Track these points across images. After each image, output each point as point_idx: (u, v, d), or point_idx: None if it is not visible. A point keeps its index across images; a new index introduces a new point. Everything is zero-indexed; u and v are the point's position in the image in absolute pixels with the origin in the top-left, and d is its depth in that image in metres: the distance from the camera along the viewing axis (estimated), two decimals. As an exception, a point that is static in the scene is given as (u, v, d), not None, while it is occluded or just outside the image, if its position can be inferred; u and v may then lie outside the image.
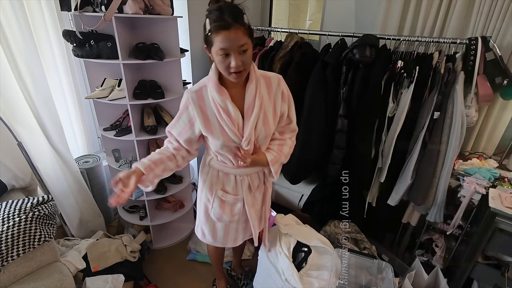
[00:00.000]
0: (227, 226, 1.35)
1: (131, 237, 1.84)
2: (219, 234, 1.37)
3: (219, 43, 0.93)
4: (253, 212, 1.31)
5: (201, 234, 1.42)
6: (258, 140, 1.16)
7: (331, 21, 2.31)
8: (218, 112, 1.08)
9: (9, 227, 1.17)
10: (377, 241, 1.95)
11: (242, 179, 1.25)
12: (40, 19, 1.53)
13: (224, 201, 1.28)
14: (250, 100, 1.10)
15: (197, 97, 1.09)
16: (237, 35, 0.92)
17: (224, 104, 1.06)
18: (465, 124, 1.51)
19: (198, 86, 1.11)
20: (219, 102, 1.06)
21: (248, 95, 1.10)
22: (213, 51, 0.97)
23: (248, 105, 1.10)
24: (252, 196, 1.30)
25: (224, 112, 1.07)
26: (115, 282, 1.45)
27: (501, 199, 1.38)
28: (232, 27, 0.91)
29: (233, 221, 1.32)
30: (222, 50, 0.94)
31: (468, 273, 1.49)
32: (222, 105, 1.06)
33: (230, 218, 1.30)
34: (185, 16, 1.98)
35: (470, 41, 1.53)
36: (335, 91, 1.73)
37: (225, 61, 0.97)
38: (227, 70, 0.99)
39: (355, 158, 1.76)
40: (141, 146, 1.82)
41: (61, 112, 1.75)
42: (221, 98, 1.06)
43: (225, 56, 0.96)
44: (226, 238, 1.38)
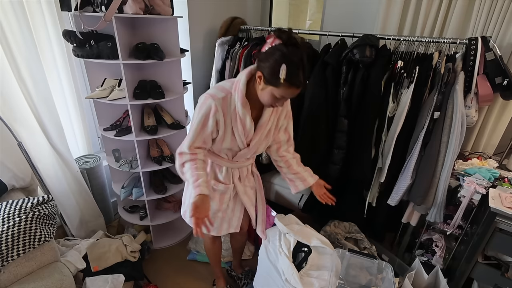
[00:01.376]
0: (215, 216, 1.38)
1: (131, 237, 1.84)
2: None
3: (284, 93, 1.01)
4: (246, 199, 1.41)
5: (188, 218, 1.44)
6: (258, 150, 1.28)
7: (331, 21, 2.31)
8: (235, 120, 1.14)
9: (9, 227, 1.17)
10: (377, 241, 1.95)
11: (233, 170, 1.33)
12: (40, 19, 1.53)
13: (215, 190, 1.32)
14: (267, 117, 1.19)
15: (223, 103, 1.11)
16: (298, 92, 1.03)
17: (244, 117, 1.13)
18: (465, 124, 1.51)
19: (223, 93, 1.12)
20: (240, 114, 1.12)
21: (267, 112, 1.19)
22: (271, 90, 1.02)
23: (264, 120, 1.19)
24: (243, 185, 1.39)
25: (241, 123, 1.14)
26: (115, 282, 1.45)
27: (501, 199, 1.38)
28: (301, 87, 1.01)
29: (220, 211, 1.37)
30: (281, 96, 1.03)
31: (468, 273, 1.49)
32: (242, 117, 1.13)
33: (219, 206, 1.35)
34: (185, 16, 1.98)
35: (470, 41, 1.53)
36: (335, 91, 1.73)
37: (274, 101, 1.06)
38: (270, 105, 1.09)
39: (355, 158, 1.76)
40: (141, 146, 1.82)
41: (61, 112, 1.75)
42: (243, 111, 1.11)
43: (278, 99, 1.05)
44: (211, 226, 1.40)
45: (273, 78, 0.98)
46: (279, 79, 0.97)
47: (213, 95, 1.10)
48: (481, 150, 1.90)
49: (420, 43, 1.66)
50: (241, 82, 1.10)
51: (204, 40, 2.19)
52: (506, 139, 1.80)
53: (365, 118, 1.68)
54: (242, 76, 1.11)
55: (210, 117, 1.11)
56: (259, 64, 1.04)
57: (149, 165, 1.84)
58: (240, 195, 1.38)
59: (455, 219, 1.56)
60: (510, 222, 1.32)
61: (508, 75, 1.51)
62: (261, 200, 1.51)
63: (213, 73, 2.12)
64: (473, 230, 1.49)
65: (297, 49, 0.97)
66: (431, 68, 1.56)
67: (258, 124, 1.19)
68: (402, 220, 1.87)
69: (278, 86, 0.99)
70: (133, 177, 2.02)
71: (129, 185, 1.96)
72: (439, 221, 1.64)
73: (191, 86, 2.19)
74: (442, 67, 1.55)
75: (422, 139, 1.57)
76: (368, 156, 1.74)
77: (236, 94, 1.11)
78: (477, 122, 1.83)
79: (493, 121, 1.81)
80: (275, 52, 0.97)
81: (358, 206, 1.93)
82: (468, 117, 1.59)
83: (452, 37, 1.64)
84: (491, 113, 1.80)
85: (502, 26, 1.64)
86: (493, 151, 1.89)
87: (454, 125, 1.50)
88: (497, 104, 1.76)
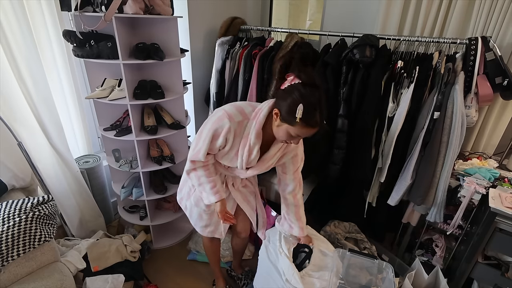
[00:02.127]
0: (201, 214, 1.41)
1: (131, 237, 1.84)
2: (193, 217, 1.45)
3: (299, 132, 1.02)
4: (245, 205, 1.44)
5: (184, 206, 1.48)
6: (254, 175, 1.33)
7: (331, 21, 2.31)
8: (244, 146, 1.15)
9: (9, 227, 1.17)
10: (377, 241, 1.95)
11: (227, 177, 1.37)
12: (40, 19, 1.53)
13: None
14: (273, 152, 1.20)
15: (237, 127, 1.12)
16: (314, 132, 1.03)
17: (253, 146, 1.14)
18: (465, 124, 1.51)
19: (241, 117, 1.12)
20: (251, 144, 1.13)
21: (274, 147, 1.20)
22: (287, 128, 1.03)
23: (270, 155, 1.20)
24: (237, 189, 1.42)
25: (248, 150, 1.14)
26: (115, 282, 1.45)
27: (501, 199, 1.38)
28: (317, 127, 1.02)
29: (207, 211, 1.38)
30: (297, 135, 1.04)
31: (468, 273, 1.49)
32: (251, 146, 1.14)
33: (206, 207, 1.36)
34: (185, 16, 1.98)
35: (470, 41, 1.53)
36: (335, 91, 1.73)
37: (289, 138, 1.07)
38: (283, 140, 1.09)
39: (355, 158, 1.76)
40: (141, 146, 1.82)
41: (61, 112, 1.75)
42: (255, 141, 1.12)
43: (293, 137, 1.06)
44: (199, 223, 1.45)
45: (290, 116, 0.99)
46: (295, 118, 0.97)
47: (231, 116, 1.10)
48: (481, 150, 1.90)
49: (420, 43, 1.66)
50: (262, 113, 1.10)
51: (204, 40, 2.19)
52: (506, 139, 1.80)
53: (365, 118, 1.68)
54: (265, 108, 1.10)
55: (221, 136, 1.11)
56: (277, 101, 1.06)
57: (149, 165, 1.84)
58: (235, 197, 1.40)
59: (455, 219, 1.56)
60: (510, 222, 1.32)
61: (508, 75, 1.51)
62: (260, 205, 1.51)
63: (213, 73, 2.12)
64: (473, 230, 1.49)
65: (316, 90, 0.98)
66: (431, 68, 1.56)
67: (262, 157, 1.20)
68: (402, 220, 1.87)
69: (294, 124, 1.00)
70: (133, 177, 2.02)
71: (129, 185, 1.96)
72: (439, 221, 1.64)
73: (191, 86, 2.19)
74: (442, 67, 1.55)
75: (422, 139, 1.57)
76: (368, 156, 1.74)
77: (254, 123, 1.11)
78: (477, 122, 1.83)
79: (493, 121, 1.81)
80: (293, 91, 0.98)
81: (358, 206, 1.93)
82: (468, 117, 1.58)
83: (452, 37, 1.64)
84: (491, 113, 1.80)
85: (502, 26, 1.64)
86: (493, 151, 1.89)
87: (454, 125, 1.50)
88: (497, 104, 1.76)
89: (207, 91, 2.29)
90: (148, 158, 1.92)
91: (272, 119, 1.09)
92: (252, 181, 1.51)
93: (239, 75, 2.01)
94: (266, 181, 2.25)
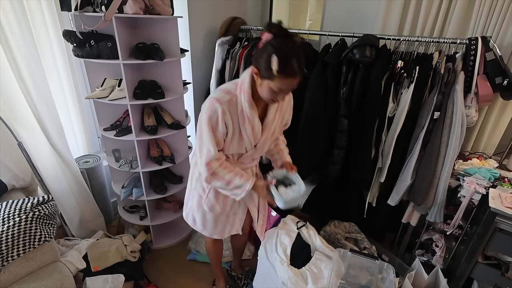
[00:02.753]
0: (217, 218, 1.39)
1: (131, 237, 1.84)
2: (208, 224, 1.42)
3: (280, 85, 1.00)
4: (251, 201, 1.42)
5: (191, 221, 1.45)
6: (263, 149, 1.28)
7: (331, 21, 2.31)
8: (243, 122, 1.13)
9: (9, 227, 1.17)
10: (377, 241, 1.95)
11: None
12: (40, 19, 1.53)
13: (219, 192, 1.30)
14: (272, 115, 1.19)
15: (229, 106, 1.10)
16: (296, 82, 1.01)
17: (252, 118, 1.12)
18: (465, 124, 1.51)
19: (228, 96, 1.10)
20: (248, 115, 1.11)
21: (271, 110, 1.19)
22: (268, 84, 1.02)
23: (270, 118, 1.19)
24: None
25: (249, 124, 1.13)
26: (115, 282, 1.45)
27: (501, 199, 1.38)
28: (297, 76, 0.99)
29: (223, 213, 1.37)
30: (279, 89, 1.02)
31: (468, 273, 1.49)
32: (250, 118, 1.12)
33: (222, 209, 1.34)
34: (185, 16, 1.98)
35: (470, 41, 1.53)
36: (335, 91, 1.73)
37: (274, 95, 1.05)
38: (271, 99, 1.08)
39: (355, 158, 1.76)
40: (141, 146, 1.82)
41: (61, 112, 1.75)
42: (251, 111, 1.11)
43: (277, 93, 1.04)
44: (214, 229, 1.43)
45: (268, 71, 0.98)
46: (272, 71, 0.97)
47: (219, 99, 1.08)
48: (481, 150, 1.90)
49: (420, 43, 1.66)
50: (245, 83, 1.09)
51: (204, 40, 2.19)
52: (506, 139, 1.80)
53: (365, 118, 1.68)
54: (246, 77, 1.10)
55: (219, 122, 1.09)
56: (255, 62, 1.04)
57: (149, 165, 1.84)
58: (246, 198, 1.37)
59: (455, 219, 1.56)
60: (510, 222, 1.32)
61: (508, 75, 1.51)
62: (262, 203, 1.50)
63: (213, 73, 2.12)
64: (473, 230, 1.49)
65: (288, 39, 0.97)
66: (431, 68, 1.56)
67: (264, 123, 1.19)
68: (402, 220, 1.87)
69: (273, 79, 0.99)
70: (133, 177, 2.02)
71: (129, 185, 1.96)
72: (439, 221, 1.64)
73: (191, 86, 2.19)
74: (442, 67, 1.55)
75: (422, 139, 1.57)
76: (368, 156, 1.74)
77: (242, 96, 1.10)
78: (477, 122, 1.83)
79: (493, 121, 1.81)
80: (267, 46, 0.98)
81: (358, 206, 1.93)
82: (468, 117, 1.58)
83: (452, 37, 1.64)
84: (491, 113, 1.80)
85: (502, 26, 1.64)
86: (493, 151, 1.89)
87: (454, 125, 1.50)
88: (497, 104, 1.76)
89: (207, 91, 2.29)
90: (148, 158, 1.92)
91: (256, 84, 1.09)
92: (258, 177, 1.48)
93: (239, 75, 2.01)
94: (266, 181, 2.25)
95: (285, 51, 0.95)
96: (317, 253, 1.41)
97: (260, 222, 1.50)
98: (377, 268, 1.35)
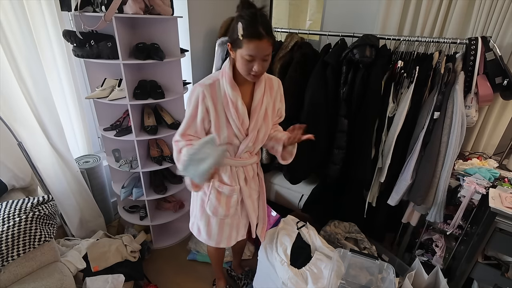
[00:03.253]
0: (222, 222, 1.36)
1: (131, 237, 1.84)
2: (213, 231, 1.38)
3: (249, 50, 1.00)
4: (250, 202, 1.38)
5: (196, 230, 1.43)
6: (259, 138, 1.24)
7: (331, 21, 2.31)
8: (227, 106, 1.14)
9: (9, 227, 1.17)
10: (377, 241, 1.95)
11: (238, 170, 1.30)
12: (40, 19, 1.53)
13: (221, 193, 1.29)
14: (258, 99, 1.19)
15: (211, 90, 1.12)
16: (266, 46, 1.01)
17: (235, 99, 1.13)
18: (465, 124, 1.51)
19: (211, 80, 1.14)
20: (231, 97, 1.13)
21: (258, 93, 1.18)
22: (240, 53, 1.03)
23: (257, 103, 1.19)
24: (248, 187, 1.36)
25: (233, 106, 1.13)
26: (115, 282, 1.45)
27: (501, 199, 1.38)
28: (264, 39, 0.99)
29: (228, 216, 1.34)
30: (250, 56, 1.02)
31: (468, 273, 1.49)
32: (233, 100, 1.13)
33: (226, 211, 1.31)
34: (185, 16, 1.98)
35: (470, 41, 1.53)
36: (335, 91, 1.73)
37: (249, 65, 1.04)
38: (248, 72, 1.07)
39: (355, 158, 1.76)
40: (141, 146, 1.82)
41: (61, 112, 1.75)
42: (233, 93, 1.12)
43: (250, 61, 1.03)
44: (220, 236, 1.39)
45: (236, 40, 1.02)
46: (239, 38, 0.99)
47: (201, 83, 1.13)
48: (481, 150, 1.90)
49: (420, 43, 1.66)
50: (227, 66, 1.13)
51: (204, 40, 2.19)
52: (506, 139, 1.80)
53: (365, 118, 1.68)
54: (227, 62, 1.14)
55: (199, 104, 1.12)
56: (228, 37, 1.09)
57: (149, 165, 1.84)
58: (245, 198, 1.35)
59: (455, 219, 1.56)
60: (510, 222, 1.32)
61: (508, 75, 1.51)
62: (262, 206, 1.47)
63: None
64: (473, 230, 1.49)
65: (251, 7, 1.01)
66: (431, 68, 1.56)
67: (251, 108, 1.19)
68: (402, 220, 1.87)
69: (241, 45, 1.01)
70: (133, 177, 2.02)
71: (129, 185, 1.96)
72: (439, 221, 1.64)
73: (191, 86, 2.19)
74: (442, 67, 1.55)
75: (422, 139, 1.57)
76: (368, 156, 1.74)
77: (223, 78, 1.13)
78: (477, 122, 1.83)
79: (493, 121, 1.81)
80: (236, 19, 1.02)
81: (358, 206, 1.93)
82: (468, 117, 1.58)
83: (452, 37, 1.64)
84: (491, 113, 1.80)
85: (502, 26, 1.64)
86: (493, 151, 1.89)
87: (454, 125, 1.50)
88: (497, 104, 1.76)
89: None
90: (148, 158, 1.92)
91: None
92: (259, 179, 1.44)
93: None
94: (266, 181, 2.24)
95: (248, 17, 0.99)
96: (317, 253, 1.41)
97: (260, 226, 1.48)
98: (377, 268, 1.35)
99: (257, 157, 1.36)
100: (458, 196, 1.53)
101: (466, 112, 1.55)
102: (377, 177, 1.79)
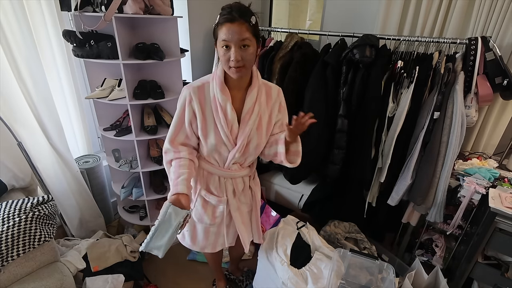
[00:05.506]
0: (207, 230, 1.31)
1: (131, 237, 1.84)
2: (198, 237, 1.34)
3: (222, 35, 0.97)
4: (238, 216, 1.30)
5: (181, 235, 1.37)
6: (249, 149, 1.16)
7: (331, 21, 2.31)
8: (216, 110, 1.09)
9: (9, 227, 1.17)
10: (377, 241, 1.95)
11: (226, 181, 1.23)
12: (40, 19, 1.53)
13: (207, 202, 1.26)
14: (250, 105, 1.11)
15: (199, 92, 1.09)
16: (239, 29, 0.96)
17: (224, 103, 1.08)
18: (465, 124, 1.51)
19: (200, 82, 1.11)
20: (220, 101, 1.07)
21: (249, 100, 1.11)
22: (218, 44, 1.01)
23: (247, 109, 1.11)
24: (237, 200, 1.29)
25: (222, 111, 1.08)
26: (115, 282, 1.45)
27: (501, 199, 1.38)
28: (236, 21, 0.95)
29: (213, 225, 1.29)
30: (224, 42, 0.97)
31: (468, 273, 1.49)
32: (222, 104, 1.08)
33: (211, 220, 1.27)
34: (185, 16, 1.98)
35: (470, 41, 1.53)
36: (335, 91, 1.73)
37: (226, 54, 0.99)
38: (227, 64, 1.01)
39: (355, 158, 1.76)
40: (141, 146, 1.82)
41: (61, 112, 1.75)
42: (223, 97, 1.07)
43: (227, 49, 0.98)
44: (205, 242, 1.34)
45: (214, 33, 1.01)
46: (215, 27, 1.00)
47: (189, 86, 1.10)
48: (481, 150, 1.90)
49: (420, 43, 1.66)
50: (219, 69, 1.09)
51: (204, 40, 2.19)
52: (506, 139, 1.80)
53: (365, 118, 1.68)
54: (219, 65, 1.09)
55: (186, 107, 1.09)
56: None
57: (149, 165, 1.84)
58: (232, 211, 1.27)
59: (455, 219, 1.56)
60: (510, 222, 1.32)
61: (508, 75, 1.51)
62: (255, 221, 1.39)
63: (213, 73, 2.12)
64: (473, 230, 1.49)
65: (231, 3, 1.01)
66: (431, 68, 1.56)
67: (242, 117, 1.12)
68: (402, 220, 1.87)
69: (217, 33, 0.99)
70: (133, 177, 2.02)
71: (129, 185, 1.96)
72: (439, 221, 1.64)
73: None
74: (442, 67, 1.55)
75: (422, 139, 1.57)
76: (368, 156, 1.74)
77: (214, 81, 1.09)
78: (477, 122, 1.83)
79: (493, 121, 1.81)
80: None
81: (358, 206, 1.93)
82: (468, 117, 1.58)
83: (452, 37, 1.64)
84: (491, 113, 1.80)
85: (502, 26, 1.64)
86: (493, 151, 1.89)
87: (454, 125, 1.50)
88: (497, 104, 1.76)
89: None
90: (148, 158, 1.92)
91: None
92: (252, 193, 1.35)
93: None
94: (266, 181, 2.25)
95: (224, 7, 0.99)
96: (317, 253, 1.41)
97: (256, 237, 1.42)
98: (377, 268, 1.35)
99: (249, 169, 1.28)
100: (458, 196, 1.53)
101: (466, 112, 1.55)
102: (377, 177, 1.79)
